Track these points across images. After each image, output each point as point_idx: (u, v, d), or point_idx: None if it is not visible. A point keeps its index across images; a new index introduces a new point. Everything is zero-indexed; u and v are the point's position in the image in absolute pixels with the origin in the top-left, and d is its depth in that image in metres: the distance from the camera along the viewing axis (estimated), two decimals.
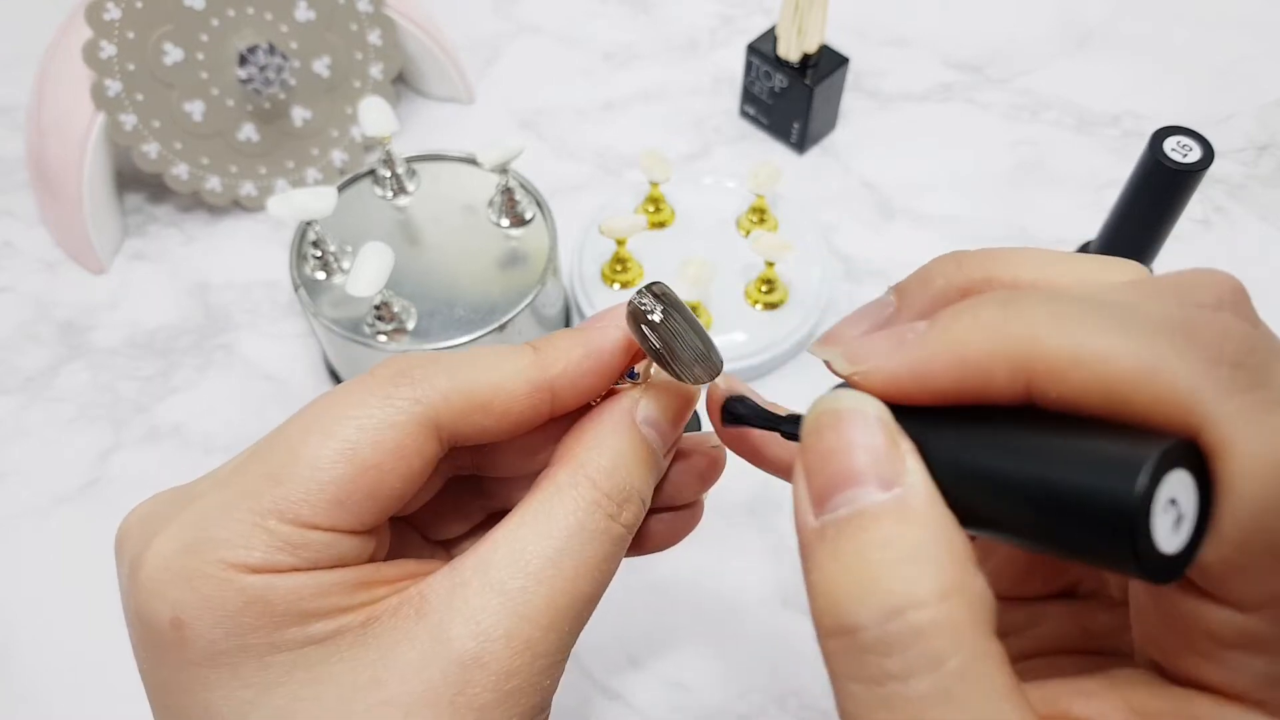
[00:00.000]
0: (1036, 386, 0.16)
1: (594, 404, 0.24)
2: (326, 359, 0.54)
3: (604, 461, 0.22)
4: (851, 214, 0.59)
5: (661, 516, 0.26)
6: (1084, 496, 0.15)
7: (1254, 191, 0.60)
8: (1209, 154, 0.42)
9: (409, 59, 0.62)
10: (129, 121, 0.53)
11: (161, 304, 0.57)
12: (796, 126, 0.60)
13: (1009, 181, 0.61)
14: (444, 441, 0.22)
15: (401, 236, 0.50)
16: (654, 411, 0.23)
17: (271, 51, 0.54)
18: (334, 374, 0.54)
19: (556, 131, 0.64)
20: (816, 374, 0.53)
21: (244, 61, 0.54)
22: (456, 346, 0.46)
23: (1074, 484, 0.16)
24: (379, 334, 0.46)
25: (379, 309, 0.46)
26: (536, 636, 0.20)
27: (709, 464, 0.26)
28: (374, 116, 0.49)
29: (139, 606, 0.20)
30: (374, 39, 0.58)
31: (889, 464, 0.17)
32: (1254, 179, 0.61)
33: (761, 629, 0.45)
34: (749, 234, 0.55)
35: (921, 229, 0.59)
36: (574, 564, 0.21)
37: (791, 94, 0.59)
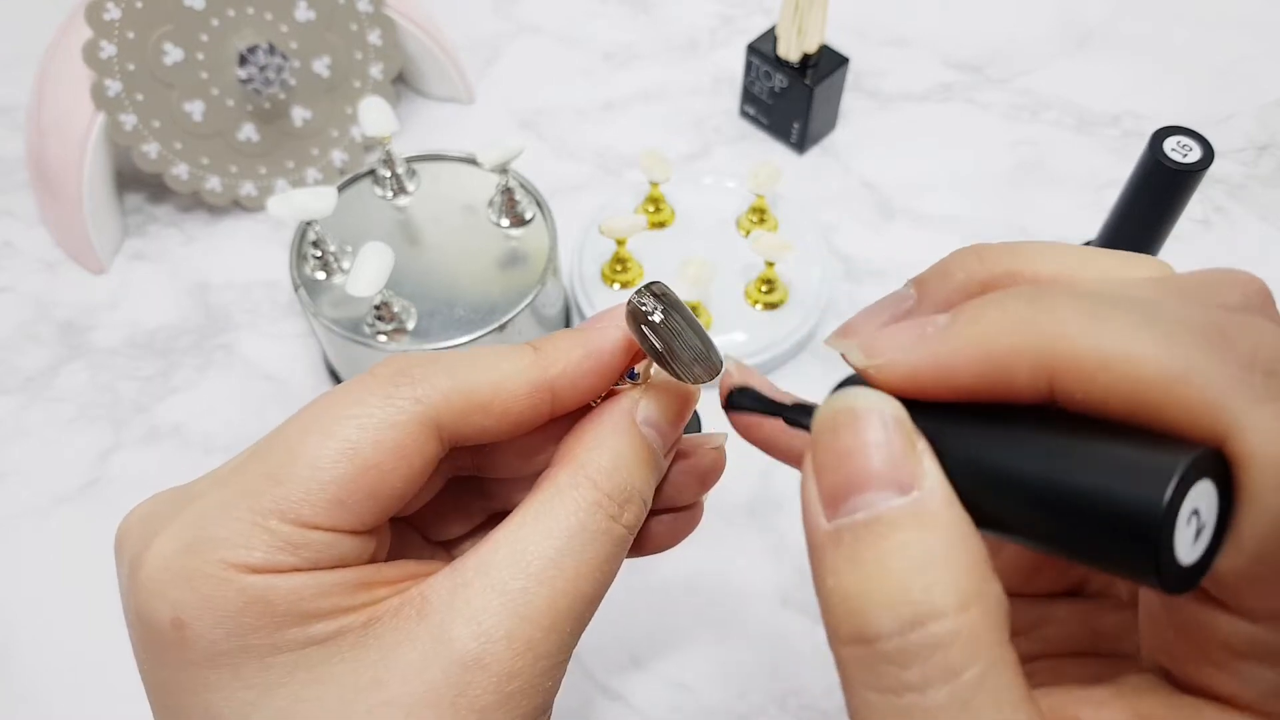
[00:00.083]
0: (1060, 386, 0.16)
1: (594, 404, 0.24)
2: (326, 359, 0.54)
3: (605, 462, 0.22)
4: (851, 214, 0.59)
5: (662, 518, 0.26)
6: (1106, 505, 0.15)
7: (1254, 191, 0.60)
8: (1209, 154, 0.42)
9: (409, 59, 0.62)
10: (129, 121, 0.53)
11: (161, 304, 0.57)
12: (796, 126, 0.60)
13: (1009, 181, 0.61)
14: (444, 441, 0.22)
15: (401, 236, 0.50)
16: (654, 412, 0.23)
17: (271, 51, 0.54)
18: (334, 374, 0.54)
19: (556, 131, 0.64)
20: (817, 374, 0.53)
21: (244, 61, 0.54)
22: (456, 346, 0.46)
23: (1096, 491, 0.15)
24: (379, 334, 0.46)
25: (379, 309, 0.46)
26: (538, 637, 0.20)
27: (709, 465, 0.26)
28: (374, 116, 0.49)
29: (139, 607, 0.20)
30: (374, 39, 0.58)
31: (906, 467, 0.17)
32: (1254, 179, 0.61)
33: (762, 629, 0.45)
34: (749, 234, 0.55)
35: (921, 229, 0.59)
36: (575, 565, 0.21)
37: (791, 94, 0.59)
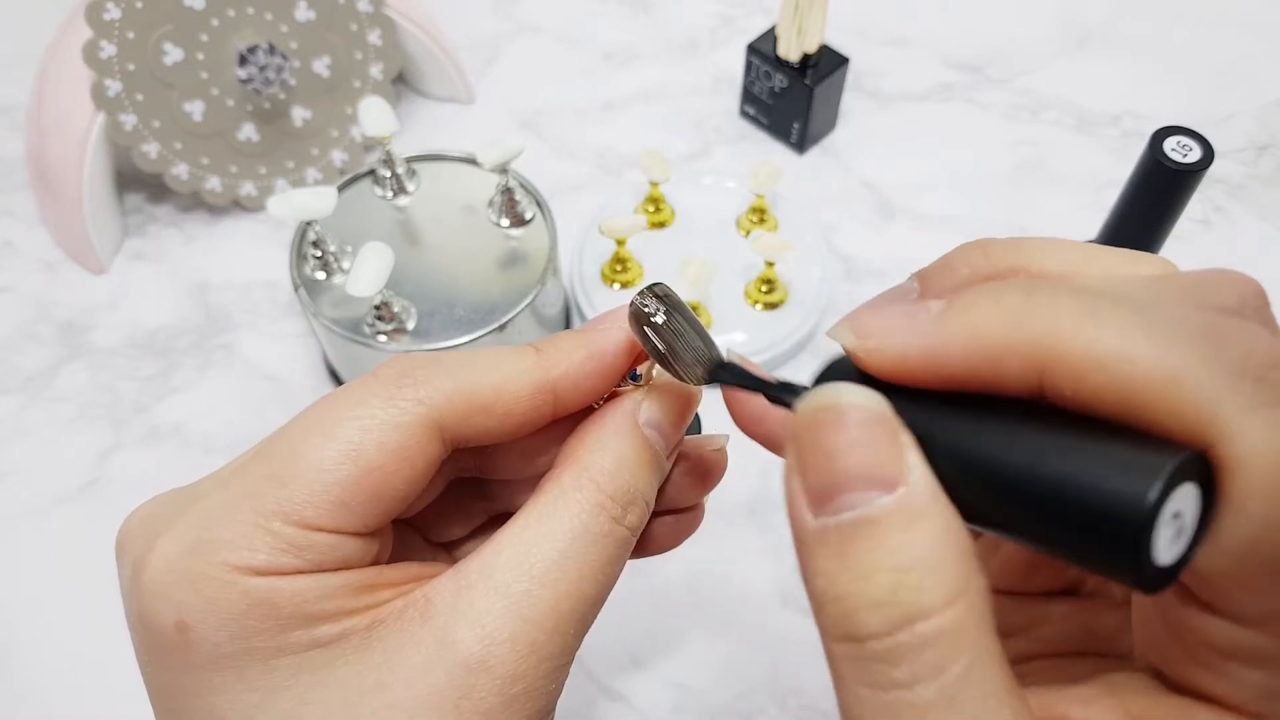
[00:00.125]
0: (1051, 382, 0.16)
1: (596, 406, 0.24)
2: (326, 359, 0.54)
3: (607, 464, 0.22)
4: (851, 214, 0.59)
5: (663, 519, 0.26)
6: (1090, 503, 0.15)
7: (1254, 191, 0.60)
8: (1209, 154, 0.42)
9: (409, 59, 0.62)
10: (129, 121, 0.53)
11: (161, 304, 0.57)
12: (796, 126, 0.60)
13: (1009, 181, 0.61)
14: (447, 443, 0.22)
15: (401, 236, 0.50)
16: (657, 413, 0.23)
17: (271, 51, 0.54)
18: (334, 374, 0.54)
19: (556, 131, 0.64)
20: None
21: (244, 61, 0.54)
22: (456, 346, 0.46)
23: (1081, 489, 0.15)
24: (379, 334, 0.46)
25: (379, 309, 0.45)
26: (541, 640, 0.20)
27: (710, 466, 0.26)
28: (374, 116, 0.49)
29: (142, 609, 0.20)
30: (374, 39, 0.58)
31: (890, 463, 0.16)
32: (1254, 179, 0.61)
33: (762, 629, 0.45)
34: (749, 234, 0.55)
35: (921, 229, 0.59)
36: (578, 567, 0.21)
37: (791, 94, 0.59)
